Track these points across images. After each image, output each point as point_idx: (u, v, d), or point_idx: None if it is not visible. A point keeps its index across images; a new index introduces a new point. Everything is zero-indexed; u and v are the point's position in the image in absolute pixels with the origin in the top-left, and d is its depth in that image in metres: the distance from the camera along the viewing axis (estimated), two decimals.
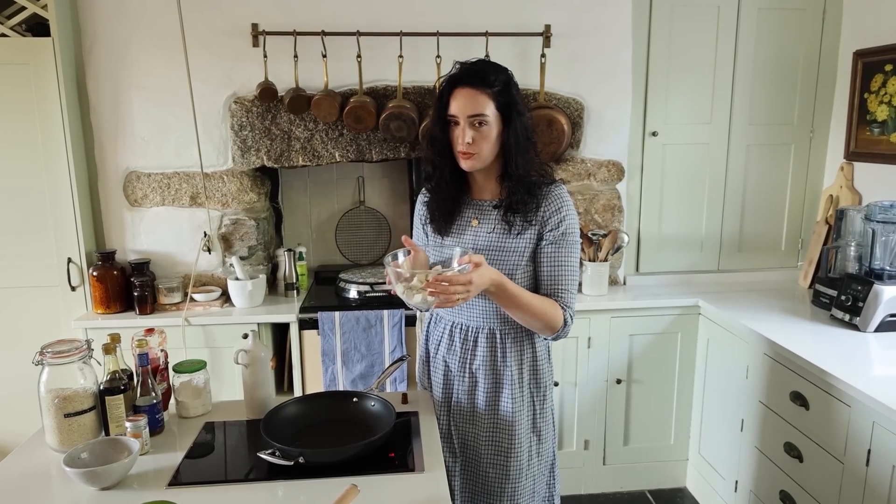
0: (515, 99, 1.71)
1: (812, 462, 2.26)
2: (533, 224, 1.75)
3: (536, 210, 1.75)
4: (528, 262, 1.77)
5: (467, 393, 1.85)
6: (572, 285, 1.77)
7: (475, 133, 1.68)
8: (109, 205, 2.98)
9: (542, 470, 1.91)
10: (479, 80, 1.67)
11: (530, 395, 1.85)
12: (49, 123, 2.78)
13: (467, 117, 1.67)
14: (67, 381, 1.65)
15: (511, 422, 1.81)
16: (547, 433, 1.90)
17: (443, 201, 1.83)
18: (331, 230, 3.43)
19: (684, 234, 3.28)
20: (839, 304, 2.60)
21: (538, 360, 1.86)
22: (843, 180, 3.09)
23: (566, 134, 2.96)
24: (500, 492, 1.83)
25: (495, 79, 1.68)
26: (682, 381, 3.09)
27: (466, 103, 1.67)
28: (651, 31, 3.04)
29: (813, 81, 3.18)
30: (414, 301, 1.59)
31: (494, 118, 1.69)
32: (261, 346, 1.88)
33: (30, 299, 2.90)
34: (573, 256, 1.77)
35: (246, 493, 1.49)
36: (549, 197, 1.76)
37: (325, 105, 2.81)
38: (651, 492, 3.17)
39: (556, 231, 1.75)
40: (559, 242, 1.75)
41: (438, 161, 1.78)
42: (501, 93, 1.68)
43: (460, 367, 1.86)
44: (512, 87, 1.71)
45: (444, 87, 1.72)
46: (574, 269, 1.77)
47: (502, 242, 1.77)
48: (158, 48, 2.84)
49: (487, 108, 1.67)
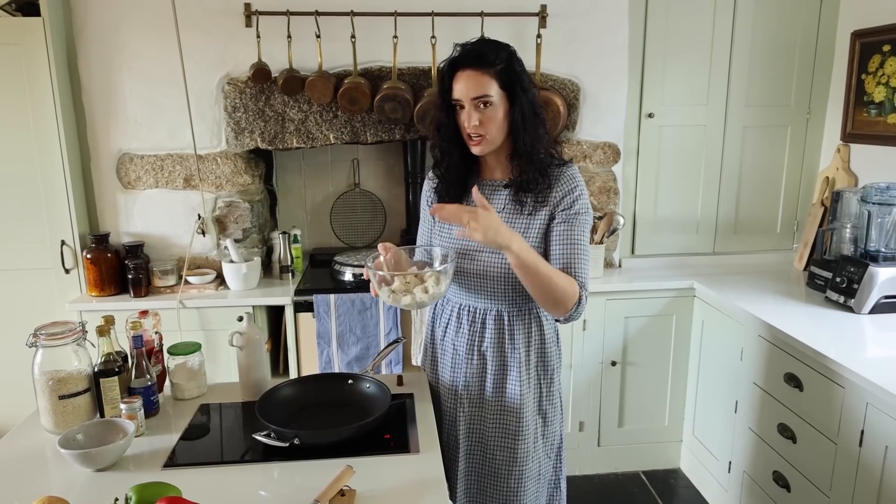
0: (520, 75, 1.68)
1: (805, 443, 2.28)
2: (545, 205, 1.73)
3: (549, 190, 1.72)
4: (539, 244, 1.74)
5: (476, 376, 1.84)
6: (586, 264, 1.73)
7: (481, 115, 1.66)
8: (103, 187, 2.96)
9: (549, 452, 1.90)
10: (479, 60, 1.64)
11: (537, 377, 1.84)
12: (40, 105, 2.75)
13: (471, 100, 1.65)
14: (62, 364, 1.65)
15: (519, 404, 1.80)
16: (554, 416, 1.89)
17: (452, 185, 1.81)
18: (326, 213, 3.41)
19: (680, 216, 3.28)
20: (834, 286, 2.61)
21: (546, 342, 1.84)
22: (840, 162, 3.08)
23: (562, 116, 2.94)
24: (507, 474, 1.82)
25: (496, 57, 1.65)
26: (677, 364, 3.10)
27: (469, 85, 1.65)
28: (648, 11, 3.02)
29: (810, 62, 3.17)
30: (403, 304, 1.60)
31: (499, 97, 1.66)
32: (256, 328, 1.88)
33: (23, 282, 2.89)
34: (586, 236, 1.74)
35: (241, 474, 1.49)
36: (561, 177, 1.73)
37: (320, 86, 2.79)
38: (645, 473, 3.20)
39: (570, 211, 1.71)
40: (572, 221, 1.71)
41: (446, 146, 1.76)
42: (504, 70, 1.65)
43: (468, 350, 1.84)
44: (515, 63, 1.68)
45: (445, 72, 1.69)
46: (587, 249, 1.73)
47: (513, 222, 1.74)
48: (150, 28, 2.81)
49: (491, 88, 1.64)
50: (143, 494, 1.26)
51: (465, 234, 1.51)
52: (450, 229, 1.82)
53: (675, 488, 3.10)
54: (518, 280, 1.68)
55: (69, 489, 1.42)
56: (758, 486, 2.57)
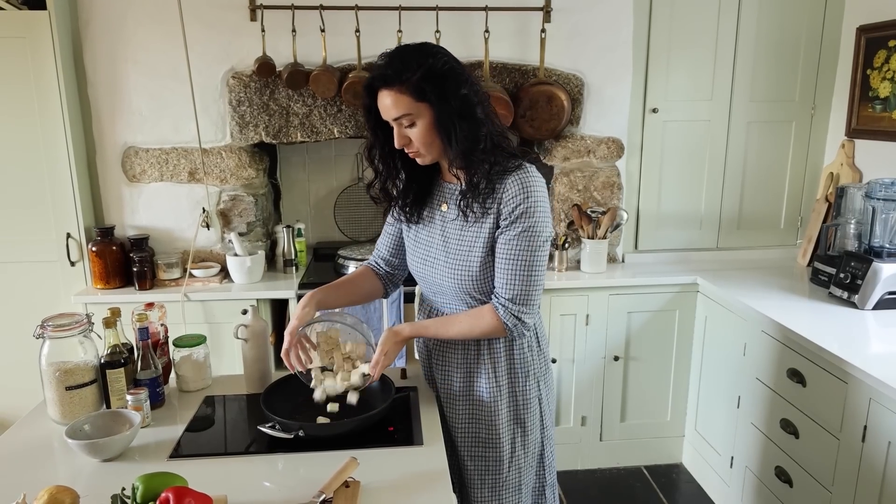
0: (441, 82, 1.52)
1: (808, 438, 2.28)
2: (490, 212, 1.60)
3: (492, 194, 1.59)
4: (487, 253, 1.64)
5: (442, 378, 1.79)
6: (525, 282, 1.60)
7: (407, 133, 1.57)
8: (108, 180, 2.97)
9: (530, 461, 1.81)
10: (390, 78, 1.52)
11: (510, 384, 1.74)
12: (46, 98, 2.76)
13: (393, 120, 1.56)
14: (68, 355, 1.66)
15: (489, 412, 1.73)
16: (533, 423, 1.78)
17: (411, 193, 1.74)
18: (329, 207, 3.42)
19: (683, 211, 3.28)
20: (838, 282, 2.61)
21: (515, 349, 1.74)
22: (844, 157, 3.08)
23: (566, 110, 2.94)
24: (481, 483, 1.76)
25: (406, 70, 1.51)
26: (680, 359, 3.11)
27: (385, 106, 1.55)
28: (652, 6, 3.01)
29: (815, 57, 3.16)
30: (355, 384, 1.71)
31: (420, 110, 1.53)
32: (261, 320, 1.89)
33: (29, 274, 2.91)
34: (531, 249, 1.58)
35: (246, 466, 1.50)
36: (507, 182, 1.58)
37: (324, 80, 2.79)
38: (647, 467, 3.20)
39: (510, 220, 1.58)
40: (512, 232, 1.58)
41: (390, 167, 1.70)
42: (422, 80, 1.50)
43: (438, 351, 1.79)
44: (434, 69, 1.52)
45: (365, 96, 1.59)
46: (531, 264, 1.59)
47: (465, 228, 1.66)
48: (155, 22, 2.81)
49: (407, 105, 1.53)
50: (150, 484, 1.27)
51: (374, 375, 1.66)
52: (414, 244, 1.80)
53: (677, 483, 3.10)
54: (476, 292, 1.68)
55: (76, 479, 1.43)
56: (760, 482, 2.58)
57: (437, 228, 1.73)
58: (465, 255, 1.66)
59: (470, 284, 1.67)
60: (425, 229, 1.76)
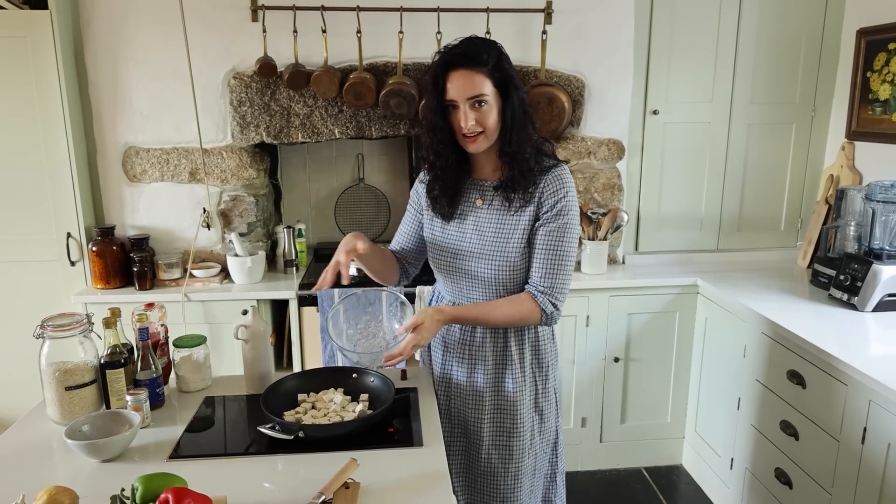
0: (510, 73, 1.68)
1: (808, 440, 2.28)
2: (530, 203, 1.73)
3: (534, 188, 1.72)
4: (525, 243, 1.75)
5: (466, 374, 1.84)
6: (560, 273, 1.72)
7: (477, 114, 1.66)
8: (108, 180, 2.97)
9: (545, 448, 1.91)
10: (472, 59, 1.63)
11: (532, 375, 1.85)
12: (47, 97, 2.76)
13: (466, 100, 1.64)
14: (68, 355, 1.66)
15: (514, 402, 1.81)
16: (549, 412, 1.89)
17: (447, 187, 1.80)
18: (330, 207, 3.42)
19: (684, 213, 3.28)
20: (838, 284, 2.61)
21: (540, 340, 1.85)
22: (844, 160, 3.08)
23: (567, 112, 2.94)
24: (504, 472, 1.83)
25: (488, 56, 1.64)
26: (680, 360, 3.11)
27: (464, 85, 1.64)
28: (653, 8, 3.02)
29: (815, 60, 3.16)
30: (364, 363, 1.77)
31: (493, 96, 1.66)
32: (261, 321, 1.89)
33: (29, 274, 2.91)
34: (566, 242, 1.73)
35: (246, 467, 1.50)
36: (548, 177, 1.73)
37: (325, 81, 2.79)
38: (647, 469, 3.20)
39: (552, 213, 1.71)
40: (556, 226, 1.71)
41: (442, 149, 1.75)
42: (496, 68, 1.65)
43: (460, 348, 1.85)
44: (504, 61, 1.68)
45: (437, 73, 1.67)
46: (566, 256, 1.73)
47: (501, 221, 1.76)
48: (156, 22, 2.81)
49: (485, 86, 1.64)
50: (150, 485, 1.26)
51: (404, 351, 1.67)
52: (443, 227, 1.84)
53: (676, 484, 3.10)
54: (510, 282, 1.76)
55: (75, 479, 1.43)
56: (760, 483, 2.57)
57: (469, 223, 1.80)
58: (503, 245, 1.74)
59: (506, 274, 1.75)
60: (456, 225, 1.82)
